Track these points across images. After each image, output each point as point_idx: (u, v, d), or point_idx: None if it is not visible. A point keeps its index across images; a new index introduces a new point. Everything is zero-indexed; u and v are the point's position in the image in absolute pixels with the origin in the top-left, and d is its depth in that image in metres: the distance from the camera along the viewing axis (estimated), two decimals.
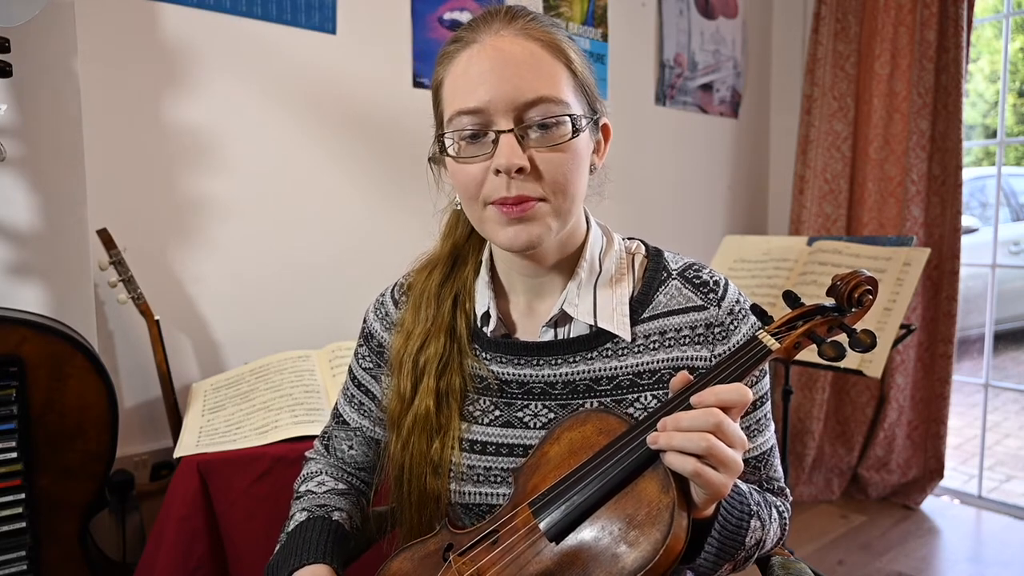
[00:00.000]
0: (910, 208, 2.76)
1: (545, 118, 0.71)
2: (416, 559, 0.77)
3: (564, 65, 0.74)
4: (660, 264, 0.84)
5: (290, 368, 1.63)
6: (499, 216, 0.73)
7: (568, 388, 0.80)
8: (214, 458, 1.35)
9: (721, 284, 0.82)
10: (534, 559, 0.66)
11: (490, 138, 0.72)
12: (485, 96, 0.71)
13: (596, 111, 0.80)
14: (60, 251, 1.42)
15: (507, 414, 0.82)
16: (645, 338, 0.80)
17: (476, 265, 0.88)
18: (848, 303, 0.70)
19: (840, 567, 2.38)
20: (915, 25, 2.73)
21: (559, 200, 0.73)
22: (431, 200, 0.88)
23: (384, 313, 0.92)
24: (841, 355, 0.67)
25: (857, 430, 2.99)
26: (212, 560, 1.33)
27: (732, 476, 0.62)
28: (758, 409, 0.82)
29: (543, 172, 0.72)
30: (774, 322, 0.72)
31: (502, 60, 0.72)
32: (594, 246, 0.83)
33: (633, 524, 0.63)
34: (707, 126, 3.05)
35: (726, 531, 0.70)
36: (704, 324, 0.80)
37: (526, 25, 0.74)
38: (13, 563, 1.22)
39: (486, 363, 0.84)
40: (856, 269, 0.71)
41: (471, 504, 0.82)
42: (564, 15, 2.49)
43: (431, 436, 0.83)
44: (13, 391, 1.21)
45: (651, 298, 0.82)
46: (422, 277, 0.89)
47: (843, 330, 0.71)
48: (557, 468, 0.71)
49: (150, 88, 1.71)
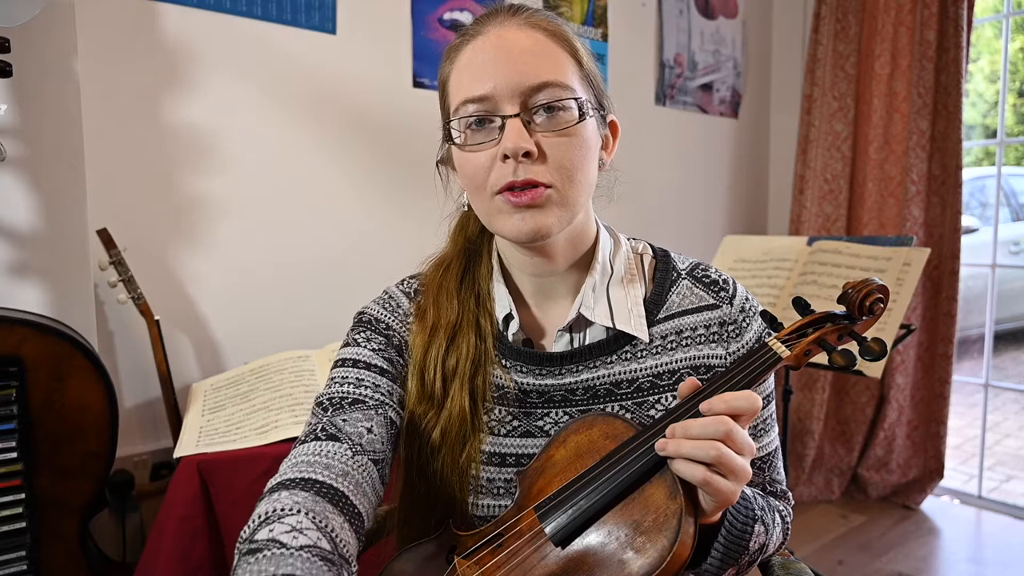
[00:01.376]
0: (910, 208, 2.76)
1: (551, 102, 0.71)
2: (418, 560, 0.76)
3: (569, 54, 0.74)
4: (669, 264, 0.84)
5: (290, 368, 1.63)
6: (507, 206, 0.72)
7: (589, 393, 0.79)
8: (214, 458, 1.35)
9: (730, 283, 0.83)
10: (539, 564, 0.66)
11: (496, 124, 0.71)
12: (490, 83, 0.71)
13: (604, 106, 0.79)
14: (60, 251, 1.42)
15: (526, 424, 0.81)
16: (662, 339, 0.80)
17: (490, 266, 0.85)
18: (859, 311, 0.70)
19: (840, 567, 2.38)
20: (915, 25, 2.73)
21: (566, 187, 0.72)
22: (439, 205, 0.87)
23: (395, 306, 0.85)
24: (852, 364, 0.66)
25: (857, 430, 2.99)
26: (212, 560, 1.33)
27: (741, 484, 0.62)
28: (763, 410, 0.82)
29: (550, 157, 0.71)
30: (784, 329, 0.71)
31: (506, 48, 0.72)
32: (605, 247, 0.82)
33: (640, 530, 0.63)
34: (707, 126, 3.06)
35: (731, 536, 0.70)
36: (718, 322, 0.80)
37: (530, 16, 0.75)
38: (13, 563, 1.22)
39: (507, 371, 0.81)
40: (868, 278, 0.71)
41: (488, 516, 0.80)
42: (564, 15, 2.49)
43: (465, 440, 0.79)
44: (13, 391, 1.21)
45: (664, 298, 0.82)
46: (438, 273, 0.86)
47: (853, 338, 0.71)
48: (563, 472, 0.70)
49: (150, 88, 1.71)
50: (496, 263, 0.84)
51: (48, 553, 1.26)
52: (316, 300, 1.99)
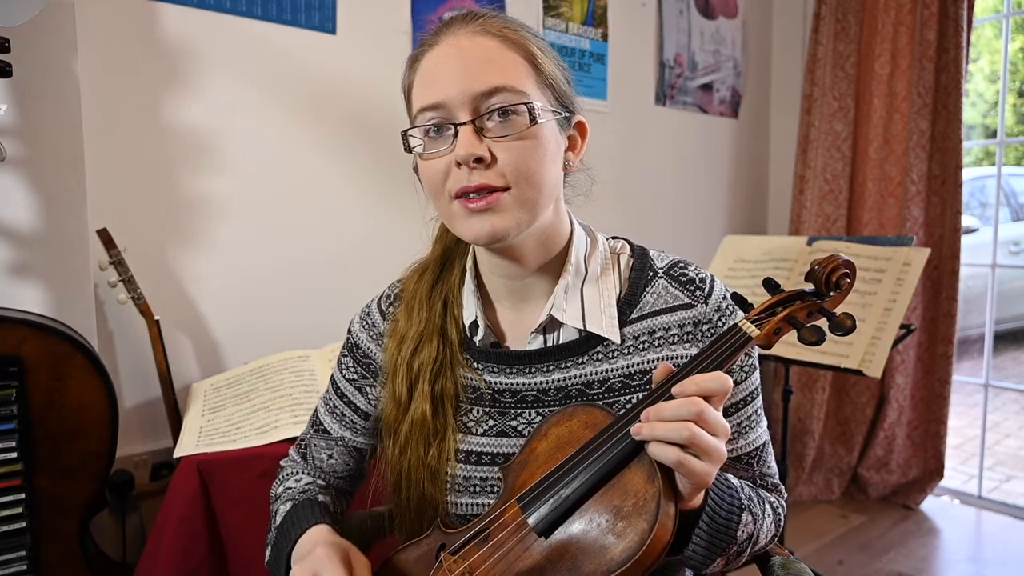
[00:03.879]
0: (910, 208, 2.76)
1: (503, 106, 0.72)
2: (410, 560, 0.78)
3: (523, 59, 0.75)
4: (646, 263, 0.84)
5: (290, 368, 1.63)
6: (463, 211, 0.74)
7: (561, 394, 0.80)
8: (214, 458, 1.35)
9: (707, 281, 0.82)
10: (524, 554, 0.67)
11: (451, 132, 0.73)
12: (443, 91, 0.73)
13: (567, 107, 0.80)
14: (60, 251, 1.42)
15: (501, 423, 0.82)
16: (634, 339, 0.80)
17: (462, 272, 0.88)
18: (827, 287, 0.70)
19: (840, 567, 2.38)
20: (915, 25, 2.73)
21: (523, 189, 0.73)
22: (422, 209, 0.88)
23: (371, 324, 0.91)
24: (821, 339, 0.67)
25: (857, 430, 2.99)
26: (212, 560, 1.33)
27: (715, 464, 0.63)
28: (749, 405, 0.82)
29: (503, 161, 0.72)
30: (754, 309, 0.72)
31: (459, 56, 0.73)
32: (579, 247, 0.83)
33: (620, 515, 0.64)
34: (707, 126, 3.06)
35: (716, 523, 0.70)
36: (692, 322, 0.80)
37: (484, 23, 0.76)
38: (13, 563, 1.22)
39: (479, 372, 0.83)
40: (834, 253, 0.71)
41: (468, 515, 0.82)
42: (564, 15, 2.49)
43: (428, 441, 0.83)
44: (13, 391, 1.21)
45: (638, 298, 0.82)
46: (413, 280, 0.89)
47: (823, 314, 0.71)
48: (545, 463, 0.71)
49: (150, 88, 1.71)
50: (470, 268, 0.86)
51: (48, 553, 1.26)
52: (316, 300, 1.99)
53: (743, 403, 0.82)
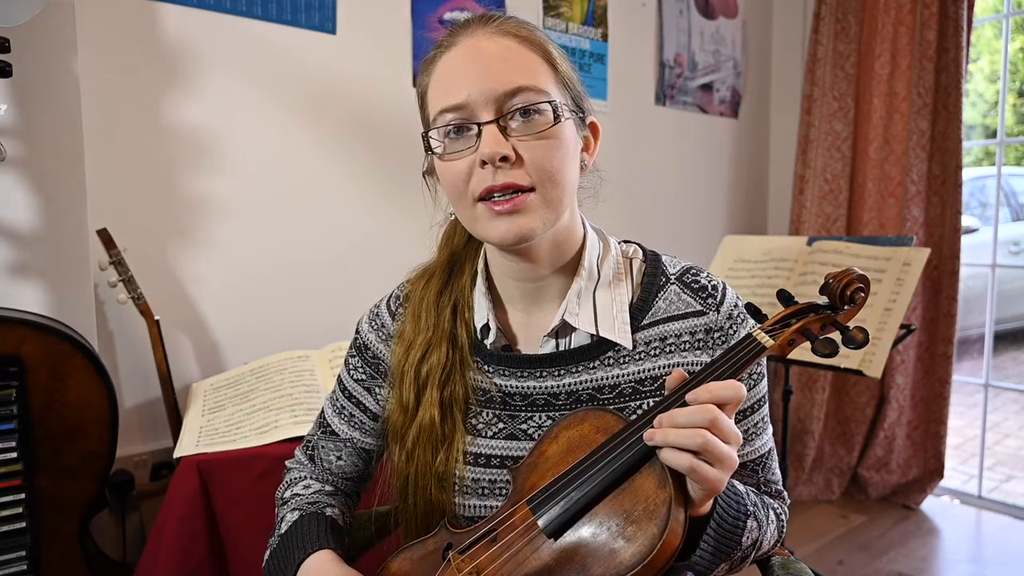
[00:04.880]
0: (910, 208, 2.76)
1: (526, 105, 0.72)
2: (416, 559, 0.77)
3: (542, 58, 0.75)
4: (658, 269, 0.84)
5: (290, 368, 1.63)
6: (489, 213, 0.73)
7: (571, 398, 0.80)
8: (214, 458, 1.35)
9: (720, 289, 0.82)
10: (532, 556, 0.67)
11: (473, 132, 0.73)
12: (465, 91, 0.72)
13: (582, 108, 0.80)
14: (60, 251, 1.42)
15: (511, 426, 0.82)
16: (646, 345, 0.80)
17: (473, 275, 0.87)
18: (841, 301, 0.71)
19: (840, 567, 2.38)
20: (915, 25, 2.73)
21: (547, 188, 0.73)
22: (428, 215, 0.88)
23: (380, 324, 0.91)
24: (834, 352, 0.68)
25: (857, 430, 2.99)
26: (212, 560, 1.33)
27: (727, 471, 0.63)
28: (756, 412, 0.82)
29: (528, 160, 0.72)
30: (768, 320, 0.72)
31: (479, 57, 0.73)
32: (592, 251, 0.82)
33: (630, 520, 0.64)
34: (707, 126, 3.06)
35: (722, 529, 0.70)
36: (704, 329, 0.80)
37: (501, 24, 0.76)
38: (13, 563, 1.22)
39: (489, 375, 0.83)
40: (848, 267, 0.72)
41: (476, 517, 0.82)
42: (564, 15, 2.49)
43: (436, 447, 0.82)
44: (13, 391, 1.21)
45: (650, 304, 0.81)
46: (420, 285, 0.88)
47: (836, 327, 0.72)
48: (555, 466, 0.71)
49: (150, 88, 1.71)
50: (481, 271, 0.86)
51: (48, 553, 1.26)
52: (316, 300, 1.99)
53: (751, 410, 0.82)
